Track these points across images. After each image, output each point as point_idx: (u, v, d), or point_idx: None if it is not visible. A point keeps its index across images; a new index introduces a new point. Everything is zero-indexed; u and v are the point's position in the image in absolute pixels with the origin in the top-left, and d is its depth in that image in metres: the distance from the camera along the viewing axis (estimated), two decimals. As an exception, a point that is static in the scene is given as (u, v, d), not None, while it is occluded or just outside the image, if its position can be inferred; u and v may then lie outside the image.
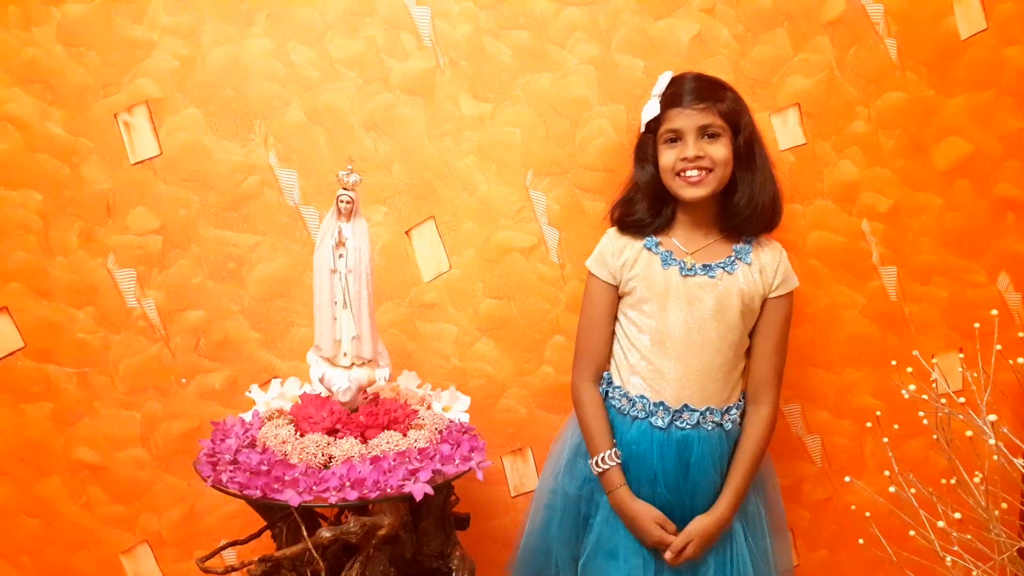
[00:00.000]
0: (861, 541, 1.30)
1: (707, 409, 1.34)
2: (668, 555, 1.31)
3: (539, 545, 1.44)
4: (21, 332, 1.56)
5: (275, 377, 1.48)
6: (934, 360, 1.36)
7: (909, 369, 1.18)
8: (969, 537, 1.10)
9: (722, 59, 1.58)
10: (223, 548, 1.35)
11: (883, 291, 1.65)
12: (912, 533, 1.15)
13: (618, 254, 1.40)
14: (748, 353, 1.40)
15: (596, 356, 1.42)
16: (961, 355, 1.33)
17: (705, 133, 1.32)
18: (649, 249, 1.39)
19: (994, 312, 1.26)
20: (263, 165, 1.57)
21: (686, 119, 1.32)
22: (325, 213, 1.30)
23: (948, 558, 1.11)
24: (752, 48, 1.58)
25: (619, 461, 1.35)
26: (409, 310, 1.61)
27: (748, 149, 1.36)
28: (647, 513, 1.32)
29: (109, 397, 1.59)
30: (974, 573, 1.10)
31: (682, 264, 1.36)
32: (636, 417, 1.36)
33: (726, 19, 1.57)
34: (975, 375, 1.19)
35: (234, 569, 1.18)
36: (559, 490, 1.43)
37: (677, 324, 1.34)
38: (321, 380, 1.28)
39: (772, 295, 1.37)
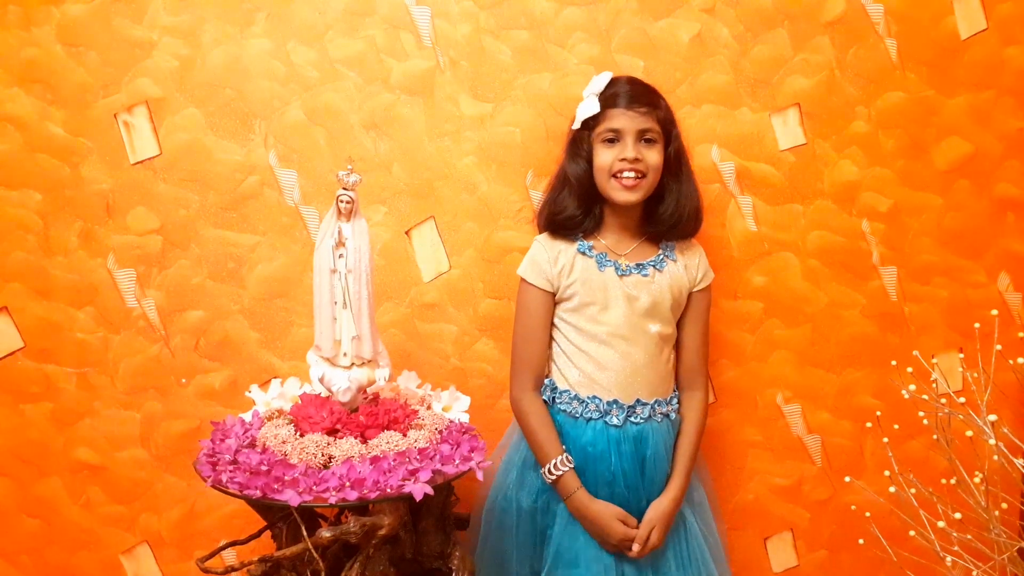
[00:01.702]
0: (861, 541, 1.30)
1: (656, 401, 1.38)
2: (635, 547, 1.32)
3: (492, 564, 1.42)
4: (21, 332, 1.56)
5: (275, 377, 1.47)
6: (934, 360, 1.36)
7: (909, 369, 1.18)
8: (969, 537, 1.10)
9: (722, 59, 1.58)
10: (223, 548, 1.35)
11: (883, 291, 1.65)
12: (912, 533, 1.15)
13: (553, 261, 1.40)
14: (678, 344, 1.46)
15: (535, 365, 1.42)
16: (961, 355, 1.33)
17: (643, 137, 1.35)
18: (583, 253, 1.40)
19: (994, 312, 1.26)
20: (263, 165, 1.57)
21: (628, 120, 1.34)
22: (325, 213, 1.30)
23: (948, 558, 1.11)
24: (752, 48, 1.58)
25: (572, 466, 1.35)
26: (409, 310, 1.61)
27: (677, 159, 1.40)
28: (609, 512, 1.34)
29: (109, 397, 1.59)
30: (974, 573, 1.10)
31: (617, 265, 1.39)
32: (590, 418, 1.37)
33: (726, 19, 1.57)
34: (975, 375, 1.19)
35: (234, 569, 1.18)
36: (511, 506, 1.41)
37: (620, 323, 1.37)
38: (321, 380, 1.28)
39: (696, 288, 1.44)
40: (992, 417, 1.03)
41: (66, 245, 1.55)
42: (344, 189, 1.22)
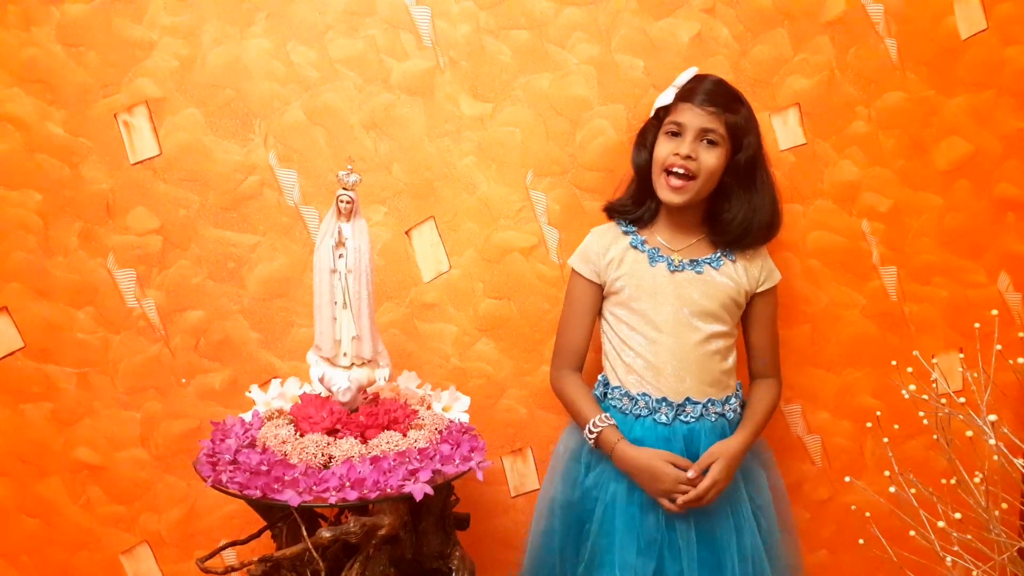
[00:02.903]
0: (861, 541, 1.30)
1: (708, 401, 1.35)
2: (692, 473, 1.28)
3: (545, 560, 1.42)
4: (21, 332, 1.56)
5: (275, 377, 1.48)
6: (934, 360, 1.36)
7: (909, 369, 1.18)
8: (969, 537, 1.10)
9: (722, 59, 1.58)
10: (223, 548, 1.35)
11: (883, 291, 1.65)
12: (912, 533, 1.15)
13: (603, 253, 1.41)
14: (747, 344, 1.45)
15: (577, 351, 1.44)
16: (961, 355, 1.33)
17: (705, 137, 1.33)
18: (635, 247, 1.40)
19: (994, 312, 1.26)
20: (263, 165, 1.57)
21: (692, 116, 1.33)
22: (325, 213, 1.30)
23: (948, 558, 1.11)
24: (752, 48, 1.58)
25: (613, 422, 1.35)
26: (409, 310, 1.61)
27: (749, 168, 1.36)
28: (655, 455, 1.30)
29: (109, 397, 1.59)
30: (974, 573, 1.10)
31: (669, 261, 1.38)
32: (639, 415, 1.36)
33: (726, 19, 1.57)
34: (975, 375, 1.19)
35: (234, 569, 1.18)
36: (557, 499, 1.41)
37: (669, 320, 1.35)
38: (321, 380, 1.28)
39: (759, 291, 1.41)
40: (992, 417, 1.03)
41: (66, 245, 1.55)
42: (344, 189, 1.22)
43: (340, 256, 1.23)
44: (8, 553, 1.61)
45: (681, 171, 1.32)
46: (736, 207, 1.37)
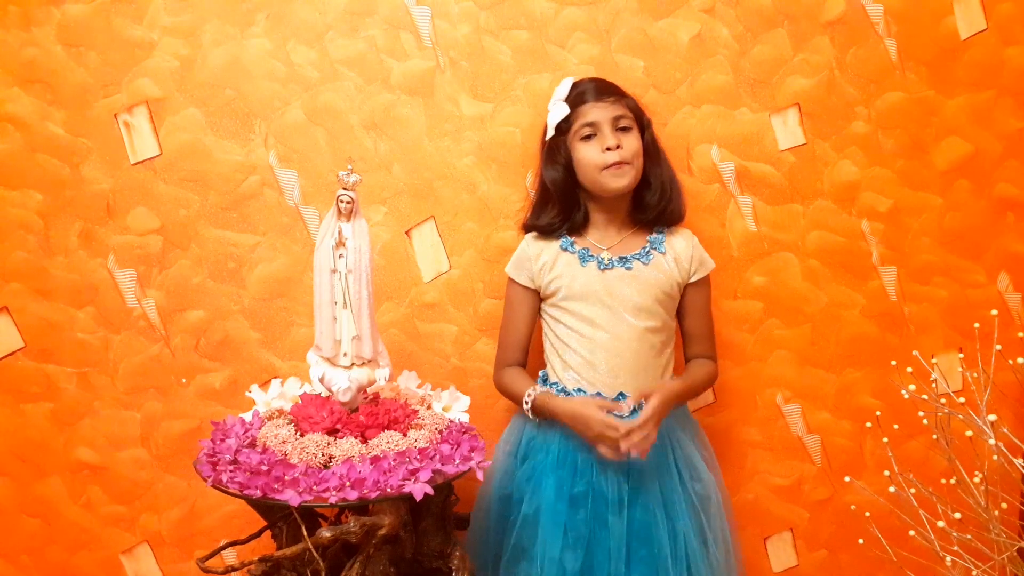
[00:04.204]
0: (861, 541, 1.30)
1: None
2: (625, 407, 1.32)
3: (478, 553, 1.42)
4: (21, 332, 1.56)
5: (275, 377, 1.47)
6: (934, 360, 1.36)
7: (909, 369, 1.18)
8: (969, 537, 1.10)
9: (722, 59, 1.58)
10: (223, 548, 1.35)
11: (883, 291, 1.65)
12: (912, 533, 1.15)
13: (535, 258, 1.44)
14: (683, 332, 1.48)
15: (516, 352, 1.48)
16: (961, 355, 1.33)
17: (617, 125, 1.37)
18: (565, 249, 1.43)
19: (994, 312, 1.26)
20: (263, 165, 1.57)
21: (600, 111, 1.37)
22: (325, 213, 1.30)
23: (948, 558, 1.11)
24: (752, 48, 1.58)
25: (547, 389, 1.39)
26: (409, 310, 1.61)
27: (654, 145, 1.43)
28: (585, 401, 1.33)
29: (109, 397, 1.59)
30: (974, 573, 1.10)
31: (599, 259, 1.41)
32: None
33: (726, 19, 1.57)
34: (975, 375, 1.19)
35: (234, 569, 1.18)
36: (492, 492, 1.42)
37: (602, 318, 1.38)
38: (321, 380, 1.28)
39: (691, 280, 1.44)
40: (992, 417, 1.03)
41: (66, 245, 1.55)
42: (344, 189, 1.22)
43: (340, 256, 1.23)
44: (8, 553, 1.61)
45: (617, 159, 1.35)
46: (654, 184, 1.42)
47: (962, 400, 1.08)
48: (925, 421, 1.16)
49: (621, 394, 1.37)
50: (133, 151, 1.55)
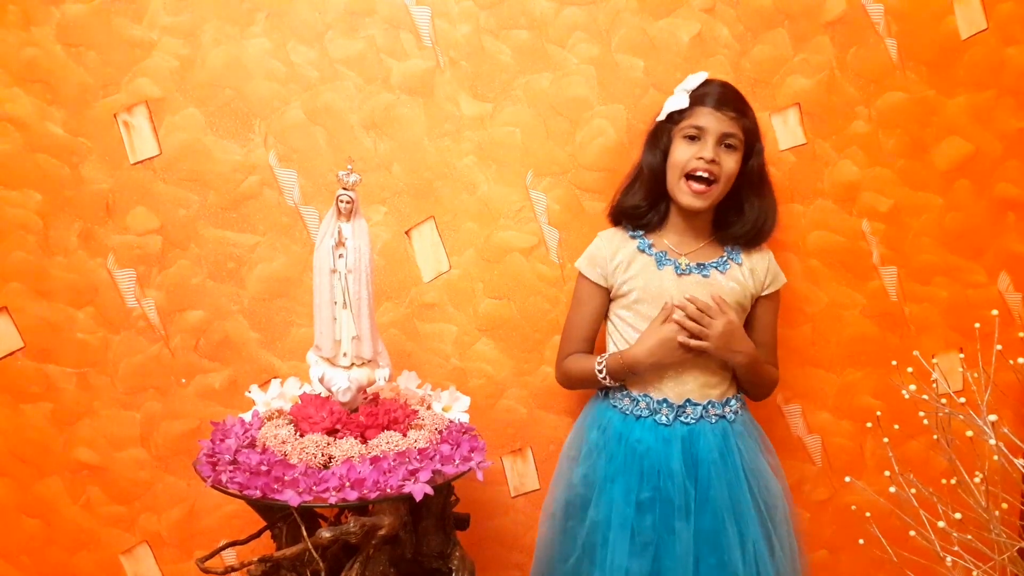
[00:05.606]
0: (861, 541, 1.29)
1: (709, 403, 1.36)
2: (687, 298, 1.33)
3: (543, 560, 1.43)
4: (21, 332, 1.56)
5: (275, 377, 1.48)
6: (934, 360, 1.36)
7: (909, 369, 1.18)
8: (969, 537, 1.10)
9: (722, 59, 1.58)
10: (223, 548, 1.35)
11: (883, 291, 1.65)
12: (912, 533, 1.15)
13: (611, 257, 1.42)
14: None
15: (581, 345, 1.45)
16: (961, 355, 1.33)
17: (724, 141, 1.34)
18: (643, 251, 1.41)
19: (994, 312, 1.26)
20: (263, 165, 1.57)
21: (714, 121, 1.33)
22: (325, 213, 1.30)
23: (948, 558, 1.11)
24: (752, 48, 1.58)
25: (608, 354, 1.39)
26: (409, 310, 1.61)
27: (760, 173, 1.39)
28: (651, 328, 1.34)
29: (109, 397, 1.59)
30: (974, 573, 1.10)
31: (677, 264, 1.39)
32: (640, 416, 1.37)
33: (726, 19, 1.57)
34: (975, 375, 1.19)
35: (234, 569, 1.18)
36: (557, 499, 1.42)
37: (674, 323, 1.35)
38: (321, 380, 1.28)
39: (764, 294, 1.43)
40: (992, 417, 1.03)
41: (66, 245, 1.55)
42: (344, 189, 1.22)
43: (340, 256, 1.23)
44: (8, 553, 1.61)
45: (705, 175, 1.32)
46: (748, 211, 1.39)
47: (963, 400, 1.08)
48: (925, 421, 1.16)
49: (688, 400, 1.35)
50: (133, 151, 1.55)
